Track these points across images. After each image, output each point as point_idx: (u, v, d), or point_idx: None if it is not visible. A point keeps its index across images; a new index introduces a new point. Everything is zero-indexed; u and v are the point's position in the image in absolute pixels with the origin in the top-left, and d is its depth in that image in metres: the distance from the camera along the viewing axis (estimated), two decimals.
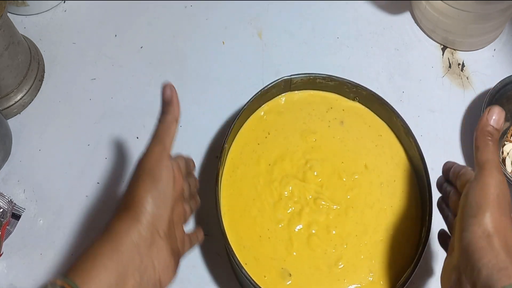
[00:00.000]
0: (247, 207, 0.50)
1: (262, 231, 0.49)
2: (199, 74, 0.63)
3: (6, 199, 0.53)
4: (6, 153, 0.57)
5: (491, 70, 0.63)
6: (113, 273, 0.35)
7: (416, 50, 0.65)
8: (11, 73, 0.58)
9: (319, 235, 0.49)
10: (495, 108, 0.39)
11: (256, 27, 0.67)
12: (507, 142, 0.58)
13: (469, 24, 0.60)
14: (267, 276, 0.47)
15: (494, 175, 0.37)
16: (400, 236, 0.49)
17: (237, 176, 0.52)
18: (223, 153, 0.50)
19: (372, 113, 0.55)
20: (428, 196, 0.48)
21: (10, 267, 0.53)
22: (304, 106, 0.55)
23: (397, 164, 0.53)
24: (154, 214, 0.37)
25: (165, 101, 0.43)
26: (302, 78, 0.54)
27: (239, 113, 0.51)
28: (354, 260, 0.48)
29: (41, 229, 0.54)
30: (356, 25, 0.67)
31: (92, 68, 0.64)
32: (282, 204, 0.50)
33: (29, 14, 0.67)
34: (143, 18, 0.67)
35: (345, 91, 0.55)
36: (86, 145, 0.59)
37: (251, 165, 0.52)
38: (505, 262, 0.34)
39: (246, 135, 0.54)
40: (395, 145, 0.54)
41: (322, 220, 0.49)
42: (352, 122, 0.55)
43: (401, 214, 0.50)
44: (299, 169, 0.52)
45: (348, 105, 0.55)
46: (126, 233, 0.36)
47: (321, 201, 0.50)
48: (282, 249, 0.48)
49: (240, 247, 0.48)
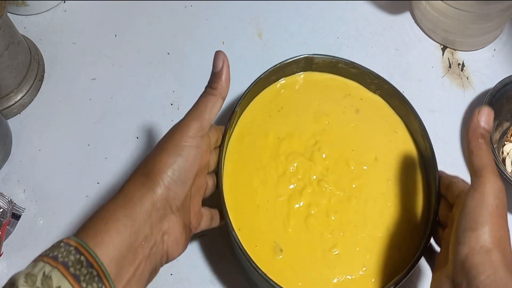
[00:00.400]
0: (250, 176, 0.50)
1: (261, 201, 0.49)
2: (199, 74, 0.63)
3: (6, 199, 0.53)
4: (6, 153, 0.58)
5: (491, 70, 0.63)
6: (125, 240, 0.33)
7: (416, 50, 0.65)
8: (11, 73, 0.58)
9: (317, 217, 0.48)
10: (484, 109, 0.38)
11: (256, 27, 0.67)
12: (507, 142, 0.58)
13: (469, 24, 0.60)
14: (258, 246, 0.47)
15: (492, 182, 0.35)
16: (400, 238, 0.48)
17: (244, 144, 0.51)
18: (233, 116, 0.50)
19: (391, 109, 0.54)
20: (435, 202, 0.47)
21: (10, 267, 0.52)
22: (321, 88, 0.55)
23: (408, 164, 0.52)
24: (170, 190, 0.36)
25: (214, 72, 0.40)
26: (324, 59, 0.53)
27: (255, 81, 0.51)
28: (350, 250, 0.47)
29: (41, 229, 0.54)
30: (356, 25, 0.67)
31: (92, 68, 0.64)
32: (285, 179, 0.50)
33: (29, 14, 0.67)
34: (143, 18, 0.67)
35: (366, 81, 0.54)
36: (86, 145, 0.59)
37: (260, 135, 0.52)
38: (504, 279, 0.32)
39: (259, 105, 0.53)
40: (410, 145, 0.53)
41: (323, 203, 0.49)
42: (368, 113, 0.54)
43: (404, 215, 0.49)
44: (307, 148, 0.51)
45: (367, 96, 0.54)
46: (140, 201, 0.35)
47: (325, 184, 0.49)
48: (278, 224, 0.48)
49: (236, 213, 0.48)
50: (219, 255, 0.53)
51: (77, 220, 0.55)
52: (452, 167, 0.58)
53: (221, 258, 0.53)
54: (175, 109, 0.61)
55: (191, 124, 0.38)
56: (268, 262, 0.46)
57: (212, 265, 0.53)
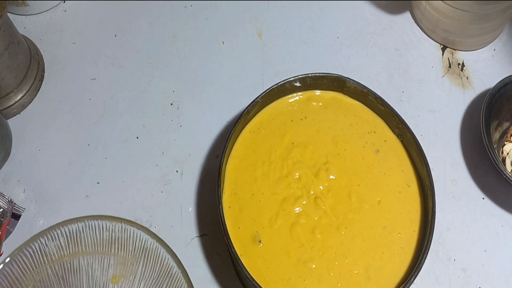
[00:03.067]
0: (255, 165, 0.51)
1: (257, 191, 0.50)
2: (199, 74, 0.63)
3: (6, 199, 0.53)
4: (6, 153, 0.58)
5: (491, 70, 0.63)
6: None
7: (416, 50, 0.65)
8: (11, 73, 0.58)
9: (304, 228, 0.49)
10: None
11: (256, 27, 0.67)
12: (507, 142, 0.58)
13: (469, 24, 0.60)
14: (241, 228, 0.48)
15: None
16: (376, 283, 0.47)
17: (259, 135, 0.53)
18: (254, 106, 0.52)
19: (409, 160, 0.53)
20: (421, 265, 0.46)
21: None
22: (349, 115, 0.54)
23: (410, 220, 0.50)
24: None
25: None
26: (356, 86, 0.53)
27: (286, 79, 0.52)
28: (324, 271, 0.47)
29: (41, 229, 0.54)
30: (356, 25, 0.67)
31: (92, 68, 0.64)
32: (285, 182, 0.50)
33: (29, 14, 0.67)
34: (143, 18, 0.67)
35: (392, 123, 0.54)
36: (86, 145, 0.59)
37: (277, 133, 0.53)
38: None
39: (283, 106, 0.54)
40: (416, 203, 0.51)
41: (313, 219, 0.49)
42: (387, 157, 0.53)
43: (387, 264, 0.48)
44: (316, 164, 0.51)
45: (391, 139, 0.53)
46: None
47: (321, 202, 0.50)
48: (265, 217, 0.49)
49: (232, 192, 0.50)
50: (219, 255, 0.53)
51: None
52: (452, 167, 0.58)
53: (221, 258, 0.53)
54: (175, 109, 0.61)
55: None
56: (246, 246, 0.48)
57: (212, 265, 0.53)
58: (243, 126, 0.53)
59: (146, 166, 0.58)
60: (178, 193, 0.56)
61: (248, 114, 0.52)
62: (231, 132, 0.50)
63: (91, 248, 0.47)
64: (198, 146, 0.59)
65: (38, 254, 0.45)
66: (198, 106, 0.61)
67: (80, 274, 0.47)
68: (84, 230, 0.46)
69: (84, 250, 0.47)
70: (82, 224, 0.46)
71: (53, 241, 0.46)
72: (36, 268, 0.45)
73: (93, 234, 0.47)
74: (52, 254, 0.46)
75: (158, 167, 0.58)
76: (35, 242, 0.45)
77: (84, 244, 0.47)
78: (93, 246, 0.47)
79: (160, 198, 0.56)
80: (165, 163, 0.58)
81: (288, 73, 0.56)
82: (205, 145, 0.59)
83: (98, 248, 0.47)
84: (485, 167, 0.58)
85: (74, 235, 0.46)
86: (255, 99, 0.51)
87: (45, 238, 0.46)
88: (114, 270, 0.48)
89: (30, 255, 0.45)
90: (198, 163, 0.58)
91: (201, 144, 0.59)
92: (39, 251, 0.46)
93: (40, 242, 0.45)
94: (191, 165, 0.58)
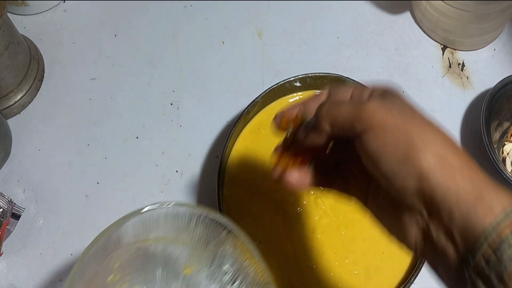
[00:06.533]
0: (255, 165, 0.51)
1: (257, 191, 0.51)
2: (199, 74, 0.63)
3: (6, 199, 0.53)
4: (6, 153, 0.57)
5: (491, 70, 0.63)
6: None
7: (416, 50, 0.65)
8: (11, 73, 0.58)
9: (303, 228, 0.49)
10: None
11: (256, 27, 0.67)
12: (507, 142, 0.58)
13: (469, 24, 0.60)
14: (241, 227, 0.47)
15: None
16: (376, 283, 0.48)
17: (259, 135, 0.53)
18: (254, 106, 0.52)
19: None
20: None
21: (10, 267, 0.52)
22: None
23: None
24: None
25: None
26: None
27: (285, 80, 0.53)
28: (323, 272, 0.48)
29: (41, 229, 0.54)
30: (356, 25, 0.67)
31: (92, 68, 0.64)
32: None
33: (29, 14, 0.67)
34: (143, 18, 0.67)
35: None
36: (86, 145, 0.59)
37: (276, 134, 0.53)
38: (476, 191, 0.28)
39: (283, 106, 0.53)
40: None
41: (312, 219, 0.50)
42: None
43: (388, 269, 0.48)
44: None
45: None
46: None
47: (321, 203, 0.50)
48: (265, 218, 0.50)
49: (231, 192, 0.50)
50: None
51: (77, 220, 0.55)
52: None
53: None
54: (175, 109, 0.61)
55: None
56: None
57: None
58: (243, 126, 0.53)
59: (146, 166, 0.58)
60: (178, 193, 0.56)
61: (248, 114, 0.52)
62: (231, 132, 0.50)
63: (175, 234, 0.43)
64: (198, 146, 0.59)
65: (131, 231, 0.41)
66: (198, 106, 0.61)
67: (156, 262, 0.45)
68: (179, 217, 0.42)
69: (168, 237, 0.44)
70: (183, 209, 0.41)
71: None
72: (126, 246, 0.42)
73: (183, 223, 0.42)
74: (139, 235, 0.42)
75: (158, 167, 0.58)
76: (134, 216, 0.40)
77: (169, 230, 0.43)
78: (183, 234, 0.43)
79: (160, 198, 0.56)
80: (165, 163, 0.58)
81: (288, 73, 0.56)
82: (205, 145, 0.59)
83: (182, 237, 0.44)
84: (485, 167, 0.57)
85: (163, 220, 0.42)
86: (255, 99, 0.51)
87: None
88: (188, 260, 0.46)
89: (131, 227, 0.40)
90: (198, 163, 0.58)
91: (201, 144, 0.59)
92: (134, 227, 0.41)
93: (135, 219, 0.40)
94: (191, 165, 0.58)
